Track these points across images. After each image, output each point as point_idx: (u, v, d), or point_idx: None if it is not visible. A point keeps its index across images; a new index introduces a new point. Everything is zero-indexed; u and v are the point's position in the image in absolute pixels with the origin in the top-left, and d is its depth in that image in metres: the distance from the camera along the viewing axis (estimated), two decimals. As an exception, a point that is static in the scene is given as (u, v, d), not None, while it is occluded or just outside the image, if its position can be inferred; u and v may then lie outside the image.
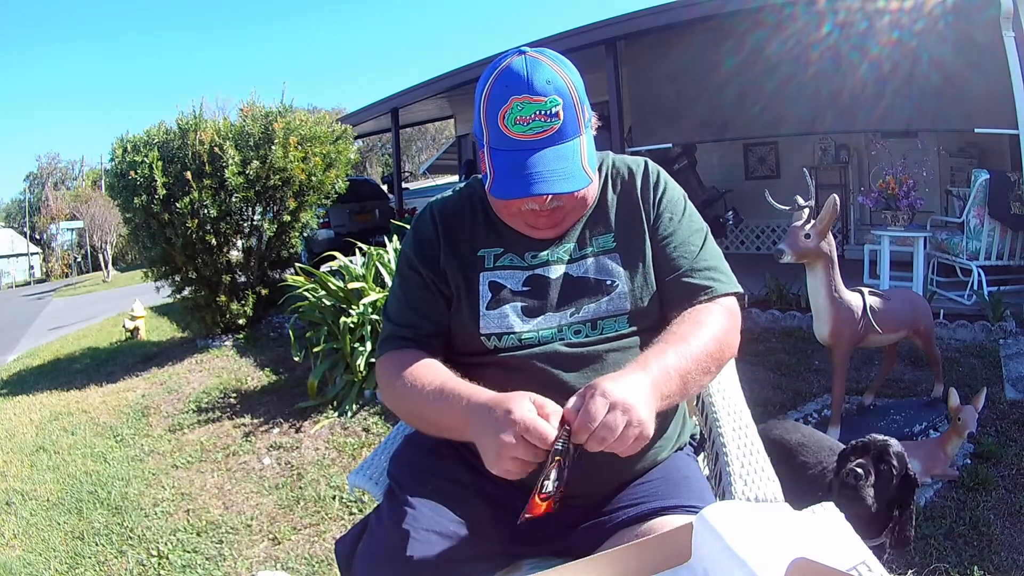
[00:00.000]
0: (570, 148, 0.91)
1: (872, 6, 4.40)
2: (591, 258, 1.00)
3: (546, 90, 0.88)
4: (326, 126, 5.16)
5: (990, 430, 2.42)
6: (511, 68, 0.89)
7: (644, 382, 0.80)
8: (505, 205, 0.98)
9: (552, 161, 0.89)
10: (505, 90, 0.89)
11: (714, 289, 0.98)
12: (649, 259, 1.01)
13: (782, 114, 5.00)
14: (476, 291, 0.99)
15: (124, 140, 4.84)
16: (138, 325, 6.04)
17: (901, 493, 1.45)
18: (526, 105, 0.88)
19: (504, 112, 0.89)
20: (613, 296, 0.98)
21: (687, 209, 1.05)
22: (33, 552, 2.33)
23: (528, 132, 0.89)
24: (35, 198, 33.47)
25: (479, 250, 1.02)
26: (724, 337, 0.93)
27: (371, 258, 3.62)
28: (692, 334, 0.90)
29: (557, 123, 0.89)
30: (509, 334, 0.96)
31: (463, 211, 1.05)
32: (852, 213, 6.30)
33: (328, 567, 2.03)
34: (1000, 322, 3.54)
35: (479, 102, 0.93)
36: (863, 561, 0.61)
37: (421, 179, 20.89)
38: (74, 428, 3.64)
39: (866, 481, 1.41)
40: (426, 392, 0.91)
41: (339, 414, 3.21)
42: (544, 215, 0.97)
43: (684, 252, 1.00)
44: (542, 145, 0.89)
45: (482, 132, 0.93)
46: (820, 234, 2.26)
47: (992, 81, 3.94)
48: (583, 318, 0.97)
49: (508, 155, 0.90)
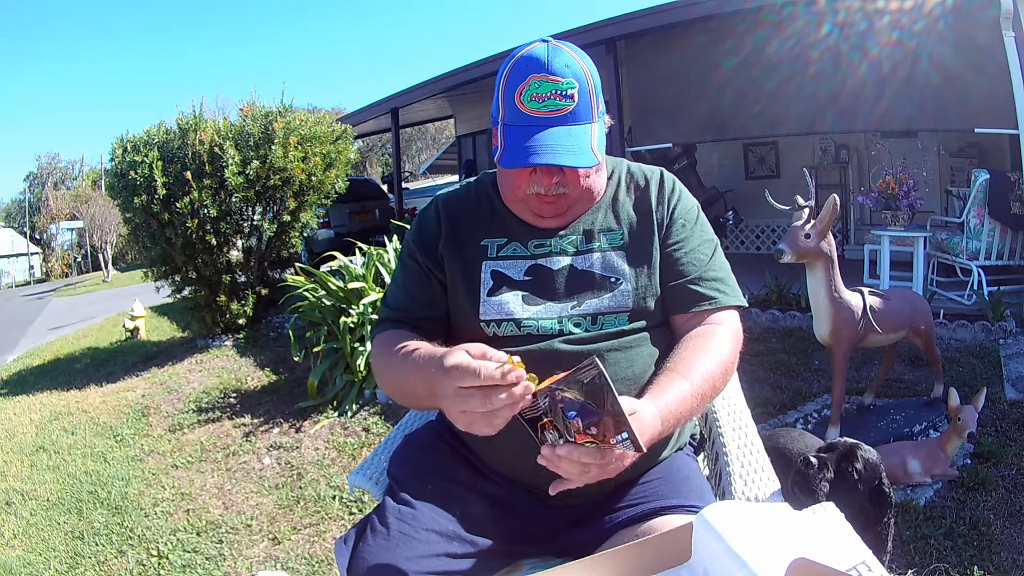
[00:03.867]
0: (581, 130, 0.93)
1: (872, 6, 4.41)
2: (598, 253, 1.00)
3: (564, 72, 0.91)
4: (326, 126, 5.16)
5: (990, 430, 2.42)
6: (533, 51, 0.93)
7: (654, 416, 0.82)
8: (512, 189, 0.99)
9: (562, 137, 0.91)
10: (524, 69, 0.92)
11: (719, 300, 0.99)
12: (656, 262, 1.01)
13: (782, 114, 5.00)
14: (477, 279, 1.00)
15: (124, 140, 4.84)
16: (138, 325, 6.05)
17: (873, 507, 1.39)
18: (543, 83, 0.91)
19: (521, 89, 0.92)
20: (616, 293, 0.98)
21: (699, 219, 1.07)
22: (33, 552, 2.33)
23: (542, 109, 0.91)
24: (35, 198, 33.47)
25: (483, 240, 1.02)
26: (729, 364, 0.96)
27: (371, 258, 3.62)
28: (700, 362, 0.91)
29: (571, 104, 0.92)
30: (508, 320, 0.96)
31: (469, 202, 1.07)
32: (852, 213, 6.30)
33: (328, 567, 2.03)
34: (1000, 322, 3.54)
35: (498, 82, 0.95)
36: (863, 561, 0.61)
37: (421, 179, 20.90)
38: (74, 428, 3.63)
39: (819, 473, 1.37)
40: (404, 363, 0.91)
41: (339, 414, 3.21)
42: (549, 200, 0.97)
43: (693, 259, 1.01)
44: (554, 123, 0.91)
45: (498, 111, 0.96)
46: (820, 234, 2.26)
47: (992, 81, 3.94)
48: (584, 311, 0.97)
49: (520, 129, 0.92)
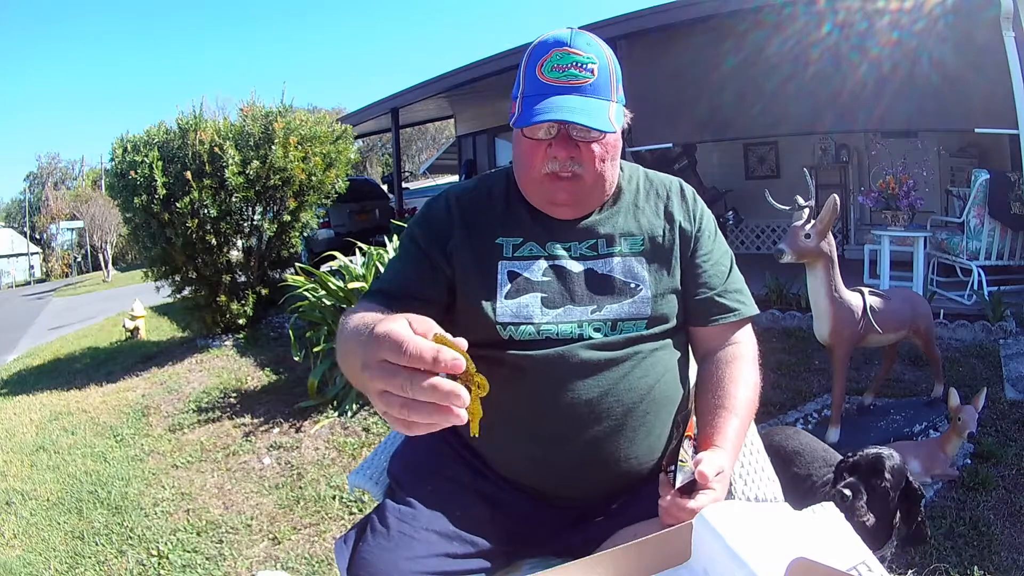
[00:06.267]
0: (598, 102, 0.93)
1: (872, 6, 4.41)
2: (618, 258, 1.00)
3: (586, 49, 0.93)
4: (326, 126, 5.16)
5: (990, 430, 2.42)
6: (557, 33, 0.95)
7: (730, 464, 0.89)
8: (527, 167, 0.97)
9: (578, 102, 0.91)
10: (548, 45, 0.94)
11: (742, 312, 1.03)
12: (676, 271, 1.02)
13: (782, 114, 5.00)
14: (494, 279, 0.97)
15: (124, 140, 4.84)
16: (138, 325, 6.04)
17: (906, 504, 1.42)
18: (565, 56, 0.92)
19: (543, 61, 0.93)
20: (636, 299, 0.97)
21: (717, 231, 1.09)
22: (33, 552, 2.33)
23: (561, 78, 0.92)
24: (35, 198, 33.47)
25: (497, 238, 1.00)
26: (758, 386, 1.01)
27: (371, 258, 3.62)
28: (742, 394, 0.97)
29: (591, 77, 0.93)
30: (526, 324, 0.95)
31: (481, 199, 1.05)
32: (852, 213, 6.30)
33: (328, 567, 2.03)
34: (1000, 322, 3.54)
35: (521, 63, 0.97)
36: (863, 561, 0.61)
37: (421, 179, 20.90)
38: (74, 428, 3.63)
39: (856, 500, 1.38)
40: (347, 329, 0.76)
41: (339, 414, 3.21)
42: (564, 182, 0.95)
43: (716, 272, 1.04)
44: (572, 91, 0.92)
45: (518, 87, 0.96)
46: (820, 234, 2.26)
47: (992, 81, 3.95)
48: (605, 317, 0.96)
49: (538, 97, 0.92)
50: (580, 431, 0.92)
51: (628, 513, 0.93)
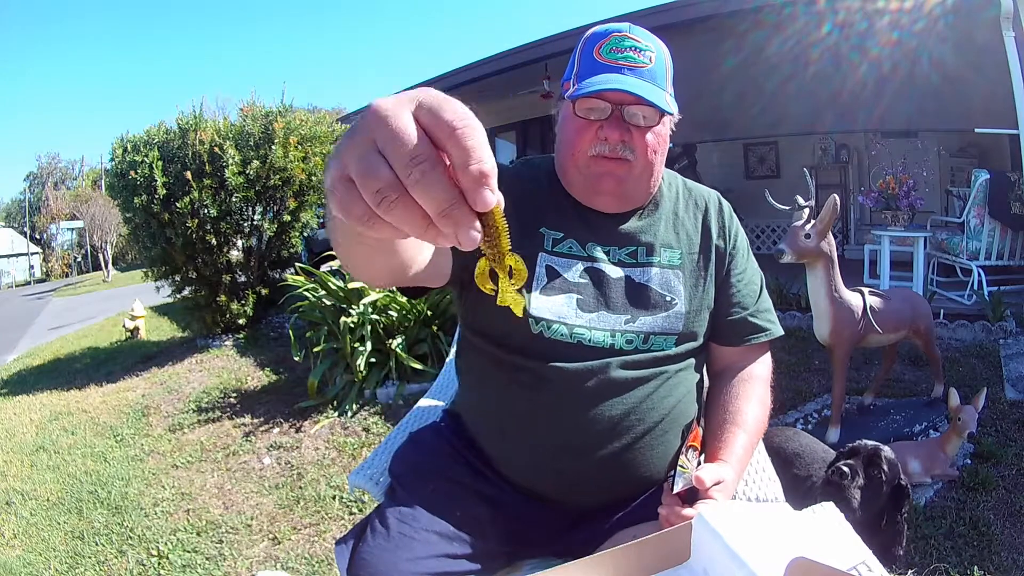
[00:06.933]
0: (655, 88, 0.92)
1: (872, 6, 4.41)
2: (656, 268, 0.98)
3: (644, 38, 0.94)
4: (326, 126, 5.16)
5: (990, 430, 2.42)
6: (615, 24, 0.95)
7: (736, 478, 0.89)
8: (574, 151, 0.94)
9: (634, 80, 0.91)
10: (606, 31, 0.93)
11: (772, 332, 1.05)
12: (711, 288, 1.01)
13: (782, 114, 5.00)
14: (532, 270, 0.95)
15: (124, 140, 4.84)
16: (138, 325, 6.04)
17: (892, 503, 1.43)
18: (624, 39, 0.92)
19: (601, 44, 0.92)
20: (670, 313, 0.96)
21: (749, 249, 1.09)
22: (33, 552, 2.33)
23: (620, 60, 0.92)
24: (35, 198, 33.47)
25: (541, 227, 0.98)
26: (769, 406, 1.02)
27: (371, 258, 3.61)
28: (753, 412, 0.97)
29: (648, 63, 0.92)
30: (560, 323, 0.93)
31: (529, 180, 1.02)
32: (852, 213, 6.30)
33: (328, 567, 2.03)
34: (1000, 322, 3.54)
35: (575, 51, 0.96)
36: (863, 561, 0.61)
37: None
38: (74, 428, 3.63)
39: (852, 482, 1.40)
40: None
41: (339, 414, 3.21)
42: (613, 163, 0.92)
43: (749, 292, 1.04)
44: (631, 72, 0.91)
45: (572, 70, 0.95)
46: (820, 234, 2.26)
47: (992, 81, 3.95)
48: (638, 329, 0.94)
49: (595, 74, 0.92)
50: (598, 446, 0.91)
51: (628, 513, 0.93)
